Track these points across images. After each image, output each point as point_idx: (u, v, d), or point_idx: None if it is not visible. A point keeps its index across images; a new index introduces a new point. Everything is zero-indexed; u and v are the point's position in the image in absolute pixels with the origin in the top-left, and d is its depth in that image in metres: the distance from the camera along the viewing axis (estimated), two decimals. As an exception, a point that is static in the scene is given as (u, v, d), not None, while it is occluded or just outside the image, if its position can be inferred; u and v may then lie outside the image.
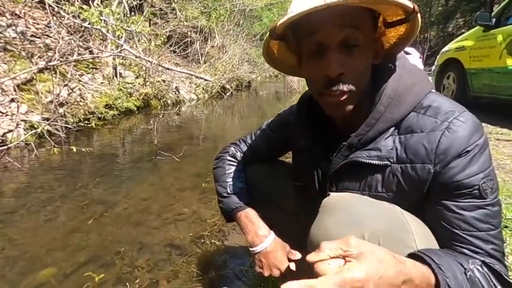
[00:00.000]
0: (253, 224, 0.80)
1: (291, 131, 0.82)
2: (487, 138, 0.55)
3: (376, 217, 0.53)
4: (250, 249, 0.79)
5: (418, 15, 0.54)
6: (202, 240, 1.55)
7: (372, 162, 0.58)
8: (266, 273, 0.77)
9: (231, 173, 0.89)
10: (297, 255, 0.77)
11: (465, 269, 0.48)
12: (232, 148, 0.95)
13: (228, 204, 0.85)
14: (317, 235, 0.56)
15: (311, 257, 0.43)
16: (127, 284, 1.23)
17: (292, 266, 0.77)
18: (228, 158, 0.93)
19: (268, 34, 0.58)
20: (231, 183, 0.87)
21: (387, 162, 0.57)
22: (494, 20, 3.30)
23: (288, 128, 0.84)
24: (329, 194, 0.61)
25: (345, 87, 0.56)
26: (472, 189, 0.52)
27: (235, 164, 0.92)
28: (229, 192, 0.86)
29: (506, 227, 1.31)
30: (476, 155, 0.52)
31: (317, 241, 0.55)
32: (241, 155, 0.94)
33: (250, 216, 0.81)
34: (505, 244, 1.20)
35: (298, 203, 0.88)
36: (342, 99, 0.57)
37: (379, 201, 0.57)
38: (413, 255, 0.49)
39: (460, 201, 0.53)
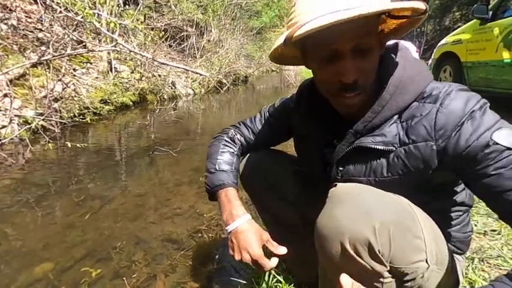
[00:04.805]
0: (230, 203, 0.76)
1: (293, 118, 0.83)
2: (486, 102, 0.55)
3: (385, 207, 0.53)
4: (225, 229, 0.76)
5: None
6: (200, 235, 1.55)
7: (377, 147, 0.59)
8: (237, 256, 0.72)
9: (224, 152, 0.87)
10: (279, 249, 0.71)
11: None
12: (232, 130, 0.93)
13: (212, 180, 0.82)
14: (326, 226, 0.56)
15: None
16: (124, 278, 1.23)
17: (274, 262, 0.69)
18: (226, 139, 0.91)
19: (281, 42, 0.57)
20: (221, 161, 0.85)
21: (392, 148, 0.59)
22: (490, 13, 3.29)
23: (290, 115, 0.85)
24: (336, 184, 0.61)
25: (358, 91, 0.58)
26: (488, 146, 0.50)
27: (232, 146, 0.90)
28: (217, 169, 0.83)
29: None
30: (476, 119, 0.52)
31: (326, 232, 0.56)
32: (241, 138, 0.92)
33: (229, 195, 0.78)
34: (500, 235, 1.21)
35: (300, 191, 0.87)
36: (356, 101, 0.60)
37: (386, 192, 0.58)
38: None
39: (490, 162, 0.50)
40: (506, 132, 0.50)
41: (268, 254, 0.71)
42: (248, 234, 0.71)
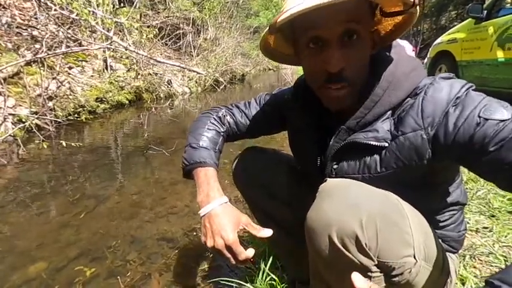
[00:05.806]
0: (209, 185, 0.71)
1: (288, 110, 0.82)
2: (471, 86, 0.55)
3: (373, 201, 0.53)
4: (199, 212, 0.70)
5: (418, 7, 0.54)
6: (195, 233, 1.55)
7: (369, 142, 0.59)
8: (209, 243, 0.64)
9: (211, 130, 0.82)
10: (262, 232, 0.65)
11: None
12: (223, 110, 0.88)
13: (193, 155, 0.76)
14: (315, 219, 0.56)
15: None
16: (118, 277, 1.23)
17: (250, 252, 0.64)
18: (215, 117, 0.86)
19: (267, 30, 0.58)
20: (206, 138, 0.79)
21: (384, 143, 0.58)
22: (485, 12, 3.31)
23: (286, 106, 0.83)
24: (326, 180, 0.61)
25: (345, 83, 0.57)
26: (479, 124, 0.48)
27: (219, 126, 0.85)
28: (200, 145, 0.78)
29: (493, 216, 1.34)
30: (461, 103, 0.52)
31: (315, 225, 0.56)
32: (230, 120, 0.88)
33: (209, 176, 0.72)
34: (492, 232, 1.23)
35: (295, 191, 0.87)
36: (341, 94, 0.58)
37: (374, 188, 0.58)
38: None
39: (487, 140, 0.47)
40: (494, 107, 0.49)
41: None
42: (223, 218, 0.65)
